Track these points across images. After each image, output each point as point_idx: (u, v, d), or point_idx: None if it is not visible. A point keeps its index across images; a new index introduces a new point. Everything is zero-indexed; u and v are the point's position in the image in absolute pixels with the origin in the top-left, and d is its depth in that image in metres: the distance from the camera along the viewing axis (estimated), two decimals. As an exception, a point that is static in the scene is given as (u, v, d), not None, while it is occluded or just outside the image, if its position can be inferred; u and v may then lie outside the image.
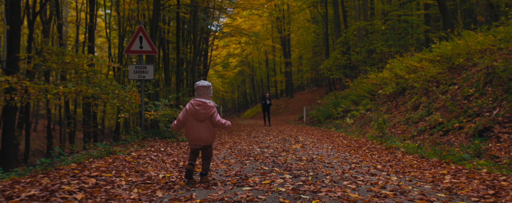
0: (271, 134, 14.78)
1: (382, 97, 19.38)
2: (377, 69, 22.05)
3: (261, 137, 13.03)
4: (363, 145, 9.68)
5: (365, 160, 7.17)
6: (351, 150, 8.99)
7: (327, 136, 13.26)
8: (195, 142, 5.16)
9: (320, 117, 23.37)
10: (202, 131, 5.12)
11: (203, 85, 5.18)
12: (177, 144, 9.44)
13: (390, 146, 8.85)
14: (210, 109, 5.12)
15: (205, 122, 5.14)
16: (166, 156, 6.93)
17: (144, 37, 10.27)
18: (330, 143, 10.83)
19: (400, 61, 18.41)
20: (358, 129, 17.00)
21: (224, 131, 17.02)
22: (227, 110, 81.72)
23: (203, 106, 5.09)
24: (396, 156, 7.26)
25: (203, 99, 5.16)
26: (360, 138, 12.43)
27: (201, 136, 5.12)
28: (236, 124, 25.77)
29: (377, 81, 20.27)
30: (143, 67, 10.19)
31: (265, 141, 11.54)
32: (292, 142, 11.17)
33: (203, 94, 5.19)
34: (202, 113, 5.08)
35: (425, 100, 14.59)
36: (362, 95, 21.58)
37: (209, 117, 5.14)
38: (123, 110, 10.34)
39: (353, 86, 24.15)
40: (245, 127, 20.41)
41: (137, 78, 10.17)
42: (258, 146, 10.03)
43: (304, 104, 37.49)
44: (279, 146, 9.88)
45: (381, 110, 17.87)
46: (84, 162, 5.62)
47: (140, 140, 9.80)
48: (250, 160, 7.11)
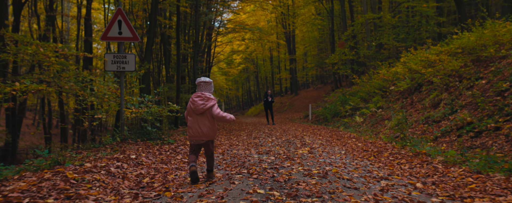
0: (274, 134, 13.01)
1: (394, 94, 17.59)
2: (388, 65, 20.23)
3: (262, 138, 11.27)
4: (383, 149, 7.88)
5: (395, 173, 5.36)
6: (370, 156, 7.20)
7: (337, 137, 11.47)
8: (196, 137, 4.99)
9: (326, 115, 21.60)
10: (203, 124, 4.96)
11: (204, 81, 5.15)
12: (159, 148, 7.69)
13: (418, 151, 7.04)
14: (208, 101, 5.00)
15: (205, 115, 5.00)
16: (132, 168, 5.18)
17: (123, 21, 8.51)
18: (342, 146, 9.05)
19: (415, 55, 16.62)
20: (369, 128, 15.26)
21: (222, 130, 15.24)
22: (231, 108, 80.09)
23: (202, 97, 4.98)
24: (435, 167, 5.44)
25: (203, 92, 5.05)
26: (375, 139, 10.62)
27: (202, 130, 4.96)
28: (239, 122, 24.01)
29: (388, 77, 18.50)
30: (123, 56, 8.43)
31: (266, 143, 9.79)
32: (297, 144, 9.41)
33: (204, 90, 5.10)
34: (200, 104, 4.94)
35: (447, 97, 12.82)
36: (372, 92, 19.79)
37: (208, 109, 4.99)
38: (100, 109, 8.59)
39: (361, 83, 22.39)
40: (247, 126, 18.63)
41: (116, 70, 8.41)
42: (257, 150, 8.32)
43: (309, 101, 35.80)
44: (282, 150, 8.14)
45: (394, 108, 16.09)
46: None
47: (118, 142, 8.04)
48: (242, 174, 5.32)
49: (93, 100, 8.37)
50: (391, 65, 20.04)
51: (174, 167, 5.82)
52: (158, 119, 9.58)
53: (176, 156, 7.09)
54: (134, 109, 8.56)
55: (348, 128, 16.74)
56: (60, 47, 8.02)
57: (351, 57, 23.90)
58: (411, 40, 21.68)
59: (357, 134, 12.73)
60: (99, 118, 8.41)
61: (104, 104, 8.59)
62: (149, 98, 8.94)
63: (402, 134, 9.23)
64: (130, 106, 8.76)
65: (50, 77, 8.17)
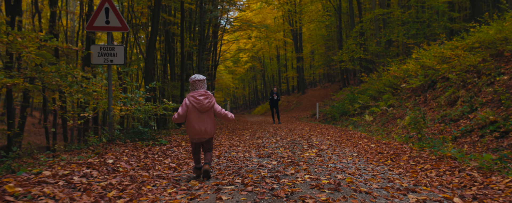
0: (279, 133, 12.04)
1: (406, 92, 16.58)
2: (398, 61, 19.19)
3: (266, 138, 10.31)
4: (399, 151, 6.89)
5: (421, 182, 4.38)
6: (387, 159, 6.22)
7: (346, 137, 10.48)
8: (199, 135, 4.98)
9: (334, 114, 20.60)
10: (206, 123, 5.00)
11: (200, 79, 5.06)
12: (148, 151, 6.75)
13: (441, 153, 6.04)
14: (212, 99, 5.04)
15: (208, 113, 5.03)
16: (103, 176, 4.13)
17: (111, 9, 7.59)
18: (353, 147, 8.07)
19: (428, 51, 15.62)
20: (380, 127, 14.28)
21: (225, 130, 14.29)
22: (238, 107, 79.27)
23: (206, 95, 5.02)
24: (469, 175, 4.43)
25: (204, 91, 5.08)
26: (388, 140, 9.61)
27: (206, 128, 4.99)
28: (244, 120, 23.06)
29: (399, 74, 17.49)
30: (110, 48, 7.52)
31: (269, 144, 8.82)
32: (304, 145, 8.44)
33: (200, 88, 5.05)
34: (205, 103, 4.94)
35: (464, 94, 11.81)
36: (382, 90, 18.76)
37: (212, 107, 5.03)
38: (87, 107, 7.66)
39: (370, 81, 21.36)
40: (252, 125, 17.68)
41: (103, 63, 7.49)
42: (258, 152, 7.37)
43: (316, 100, 34.80)
44: (286, 153, 7.17)
45: (406, 106, 15.08)
46: None
47: (105, 143, 7.11)
48: (235, 185, 4.31)
49: (80, 97, 7.43)
50: (402, 62, 19.02)
51: (156, 175, 4.87)
52: (152, 118, 8.64)
53: (164, 159, 6.16)
54: (123, 106, 7.61)
55: (358, 127, 15.76)
56: (42, 37, 7.10)
57: (360, 55, 22.81)
58: (422, 36, 20.62)
59: (368, 134, 11.73)
60: (86, 116, 7.46)
61: (92, 101, 7.64)
62: (140, 94, 7.98)
63: (419, 134, 8.21)
64: (119, 103, 7.82)
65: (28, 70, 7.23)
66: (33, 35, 6.99)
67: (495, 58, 12.10)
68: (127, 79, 8.15)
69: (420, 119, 8.26)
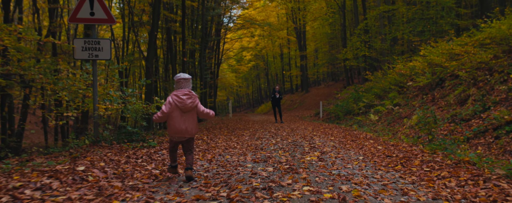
0: (280, 134, 11.35)
1: (412, 90, 15.88)
2: (404, 59, 18.48)
3: (265, 139, 9.64)
4: (410, 154, 6.21)
5: (441, 194, 3.69)
6: (397, 163, 5.54)
7: (351, 138, 9.79)
8: (180, 134, 4.88)
9: (338, 113, 19.90)
10: (188, 122, 4.90)
11: (184, 78, 4.97)
12: (132, 154, 6.08)
13: (458, 158, 5.35)
14: (196, 98, 4.98)
15: (191, 113, 4.95)
16: (64, 188, 3.46)
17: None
18: (358, 149, 7.38)
19: (436, 48, 14.93)
20: (385, 127, 13.61)
21: (224, 129, 13.63)
22: (242, 105, 78.58)
23: (189, 95, 4.90)
24: (498, 187, 3.73)
25: (188, 90, 4.93)
26: (396, 141, 8.92)
27: (187, 127, 4.89)
28: (246, 119, 22.39)
29: (405, 71, 16.78)
30: (95, 42, 6.87)
31: (268, 146, 8.14)
32: (305, 147, 7.75)
33: (185, 86, 4.96)
34: (188, 103, 4.86)
35: (475, 92, 11.13)
36: (387, 88, 18.05)
37: (195, 107, 4.97)
38: (71, 107, 7.01)
39: (375, 79, 20.65)
40: (253, 124, 17.00)
41: (87, 58, 6.83)
42: (254, 156, 6.67)
43: (320, 99, 34.07)
44: (285, 157, 6.49)
45: (413, 105, 14.39)
46: None
47: (88, 145, 6.45)
48: (218, 202, 3.58)
49: (65, 95, 6.77)
50: (408, 60, 18.30)
51: (130, 185, 4.16)
52: (144, 117, 7.98)
53: (148, 165, 5.50)
54: (109, 104, 6.95)
55: (362, 126, 15.08)
56: (21, 30, 6.45)
57: (364, 52, 22.07)
58: (429, 33, 19.86)
59: (373, 134, 11.04)
60: (68, 116, 6.80)
61: (77, 99, 6.98)
62: (129, 92, 7.29)
63: (429, 135, 7.50)
64: (106, 101, 7.15)
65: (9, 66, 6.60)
66: (11, 28, 6.35)
67: (508, 54, 11.40)
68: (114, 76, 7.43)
69: (431, 119, 7.55)
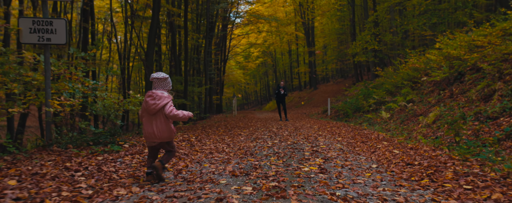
0: (281, 133, 10.04)
1: (427, 86, 14.49)
2: (417, 53, 17.04)
3: (262, 140, 8.42)
4: (437, 162, 4.88)
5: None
6: (422, 176, 4.22)
7: (361, 138, 8.46)
8: (149, 138, 4.47)
9: (347, 110, 18.54)
10: (155, 125, 4.41)
11: (158, 78, 4.48)
12: (76, 165, 4.76)
13: (506, 170, 3.98)
14: (160, 99, 4.39)
15: (158, 115, 4.43)
16: None
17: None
18: (370, 154, 6.09)
19: (454, 40, 13.54)
20: (398, 125, 12.26)
21: (223, 128, 12.33)
22: (250, 102, 77.25)
23: (152, 96, 4.42)
24: None
25: (156, 90, 4.45)
26: (414, 142, 7.55)
27: (154, 131, 4.41)
28: (250, 117, 21.11)
29: (420, 66, 15.36)
30: (47, 23, 5.59)
31: (261, 150, 6.88)
32: (306, 152, 6.47)
33: (158, 87, 4.49)
34: (151, 104, 4.39)
35: (502, 87, 9.73)
36: (399, 84, 16.64)
37: (161, 109, 4.40)
38: (19, 101, 5.73)
39: (386, 74, 19.23)
40: (256, 122, 15.71)
41: (37, 42, 5.54)
42: (238, 165, 5.34)
43: (328, 95, 32.67)
44: (276, 166, 5.13)
45: (428, 101, 13.01)
46: None
47: (38, 149, 5.18)
48: None
49: (15, 87, 5.50)
50: (421, 54, 16.86)
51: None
52: (117, 115, 6.70)
53: (87, 180, 4.18)
54: (65, 99, 5.64)
55: (373, 125, 13.75)
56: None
57: (374, 46, 20.61)
58: (444, 25, 18.38)
59: (386, 134, 9.67)
60: (15, 112, 5.52)
61: (29, 92, 5.70)
62: (91, 84, 5.96)
63: (457, 137, 6.13)
64: (66, 94, 5.85)
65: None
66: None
67: (540, 44, 9.98)
68: (79, 65, 6.11)
69: (458, 118, 6.18)
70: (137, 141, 7.18)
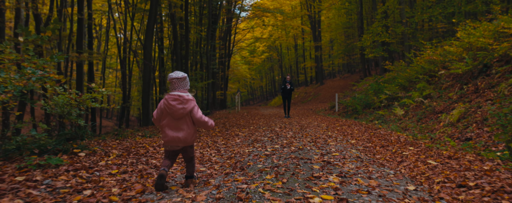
0: (285, 134, 8.56)
1: (446, 80, 12.94)
2: (433, 44, 15.46)
3: (261, 145, 6.93)
4: (500, 181, 3.27)
5: None
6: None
7: (379, 140, 7.01)
8: (172, 143, 4.07)
9: (356, 106, 17.01)
10: (181, 130, 4.07)
11: (177, 77, 4.10)
12: None
13: None
14: (188, 103, 4.05)
15: (184, 119, 4.08)
16: None
17: None
18: (397, 165, 4.63)
19: (476, 28, 12.00)
20: (415, 124, 10.78)
21: (220, 127, 10.86)
22: (255, 98, 75.73)
23: (179, 100, 4.03)
24: None
25: (179, 92, 4.06)
26: (445, 147, 6.04)
27: (179, 136, 4.06)
28: (254, 113, 19.63)
29: (438, 58, 13.81)
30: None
31: (257, 160, 5.41)
32: (314, 163, 5.01)
33: (178, 87, 4.11)
34: (179, 109, 4.02)
35: (542, 81, 8.13)
36: (413, 78, 15.09)
37: (188, 113, 4.07)
38: None
39: (398, 68, 17.66)
40: (259, 119, 14.25)
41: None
42: (217, 190, 3.62)
43: (336, 91, 31.12)
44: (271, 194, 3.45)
45: (449, 97, 11.50)
46: None
47: None
48: None
49: None
50: (438, 45, 15.27)
51: None
52: (77, 114, 5.25)
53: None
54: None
55: (386, 123, 12.29)
56: None
57: (385, 38, 18.98)
58: (461, 15, 16.74)
59: (407, 135, 8.12)
60: None
61: None
62: (28, 73, 4.44)
63: (510, 144, 4.60)
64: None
65: None
66: None
67: None
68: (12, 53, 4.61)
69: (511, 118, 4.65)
70: (103, 147, 5.76)
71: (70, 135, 5.51)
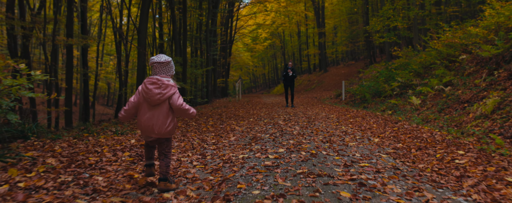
0: (291, 130, 6.96)
1: (469, 65, 11.25)
2: (450, 27, 13.76)
3: (259, 148, 5.21)
4: None
5: None
6: None
7: (408, 138, 5.58)
8: (146, 132, 3.50)
9: (365, 94, 15.35)
10: (156, 118, 3.47)
11: (159, 62, 3.54)
12: None
13: None
14: (167, 89, 3.46)
15: (161, 107, 3.48)
16: None
17: None
18: (456, 181, 3.10)
19: (505, 7, 10.35)
20: (436, 114, 9.20)
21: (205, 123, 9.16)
22: (258, 86, 73.95)
23: (158, 84, 3.46)
24: None
25: (160, 76, 3.50)
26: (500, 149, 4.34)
27: (154, 125, 3.45)
28: (256, 102, 18.06)
29: (459, 40, 12.13)
30: None
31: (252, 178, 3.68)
32: (339, 184, 3.32)
33: (159, 73, 3.56)
34: (155, 94, 3.43)
35: None
36: (429, 64, 13.42)
37: (166, 100, 3.48)
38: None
39: (409, 53, 15.95)
40: (260, 109, 12.67)
41: None
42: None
43: (340, 78, 29.46)
44: None
45: (475, 84, 9.88)
46: None
47: None
48: None
49: None
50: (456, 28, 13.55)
51: None
52: (9, 108, 3.68)
53: None
54: None
55: (402, 113, 10.64)
56: None
57: (397, 23, 17.19)
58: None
59: (440, 130, 6.47)
60: None
61: None
62: None
63: None
64: None
65: None
66: None
67: None
68: None
69: None
70: (43, 152, 4.15)
71: (11, 133, 3.96)
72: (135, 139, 5.23)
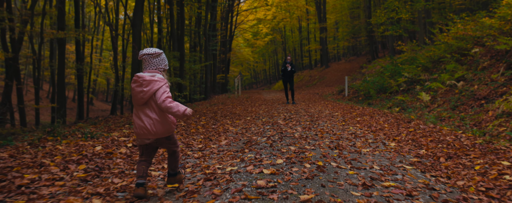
0: (291, 131, 6.03)
1: (483, 59, 10.31)
2: (461, 19, 12.81)
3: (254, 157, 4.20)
4: None
5: None
6: None
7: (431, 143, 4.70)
8: (140, 135, 3.09)
9: (370, 90, 14.42)
10: (147, 117, 3.07)
11: (148, 53, 3.13)
12: None
13: None
14: (149, 85, 3.02)
15: (150, 104, 3.09)
16: None
17: None
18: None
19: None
20: (449, 112, 8.33)
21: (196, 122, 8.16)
22: (259, 82, 73.04)
23: (138, 82, 3.06)
24: None
25: (146, 72, 3.11)
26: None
27: (147, 125, 3.06)
28: (255, 98, 17.14)
29: (471, 33, 11.18)
30: None
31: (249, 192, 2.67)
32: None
33: (150, 66, 3.14)
34: (138, 92, 3.04)
35: None
36: (439, 59, 12.48)
37: (151, 97, 3.04)
38: None
39: (415, 48, 15.00)
40: (259, 107, 11.76)
41: None
42: None
43: (342, 74, 28.51)
44: None
45: (491, 79, 8.97)
46: None
47: None
48: None
49: None
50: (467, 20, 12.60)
51: None
52: None
53: None
54: None
55: (410, 110, 9.73)
56: None
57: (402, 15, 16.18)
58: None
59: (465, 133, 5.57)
60: None
61: None
62: None
63: None
64: None
65: None
66: None
67: None
68: None
69: None
70: None
71: None
72: (103, 145, 4.28)
